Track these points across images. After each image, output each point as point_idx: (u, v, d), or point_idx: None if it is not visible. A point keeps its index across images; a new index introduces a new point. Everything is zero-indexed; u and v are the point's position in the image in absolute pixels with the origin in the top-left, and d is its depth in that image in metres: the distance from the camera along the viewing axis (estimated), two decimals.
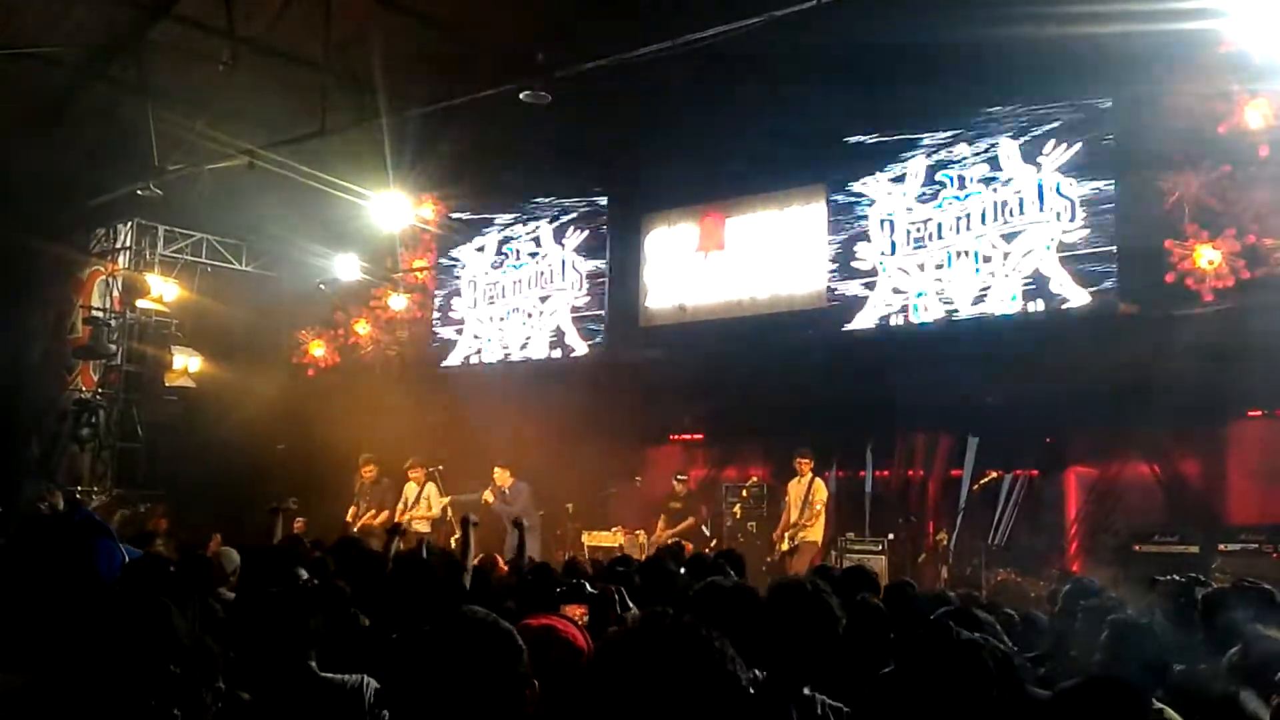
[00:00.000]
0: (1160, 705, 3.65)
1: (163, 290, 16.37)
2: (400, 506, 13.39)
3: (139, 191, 15.07)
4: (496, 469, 13.28)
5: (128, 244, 17.03)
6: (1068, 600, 5.71)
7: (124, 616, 2.70)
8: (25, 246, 16.46)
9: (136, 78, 13.60)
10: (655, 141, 13.53)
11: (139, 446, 16.08)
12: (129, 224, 16.95)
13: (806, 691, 3.45)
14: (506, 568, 7.89)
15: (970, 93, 11.74)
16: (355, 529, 13.31)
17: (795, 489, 12.06)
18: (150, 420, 16.24)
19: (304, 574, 5.50)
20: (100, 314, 16.89)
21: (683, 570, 6.39)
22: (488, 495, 13.16)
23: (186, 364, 16.60)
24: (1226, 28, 9.32)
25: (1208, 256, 10.07)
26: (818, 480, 11.99)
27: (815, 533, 11.82)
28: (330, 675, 3.77)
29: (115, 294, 17.08)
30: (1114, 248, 10.76)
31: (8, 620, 2.99)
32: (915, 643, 3.43)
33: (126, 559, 5.05)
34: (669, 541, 11.38)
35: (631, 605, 4.98)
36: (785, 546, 11.83)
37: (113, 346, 16.45)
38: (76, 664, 2.54)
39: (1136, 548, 9.95)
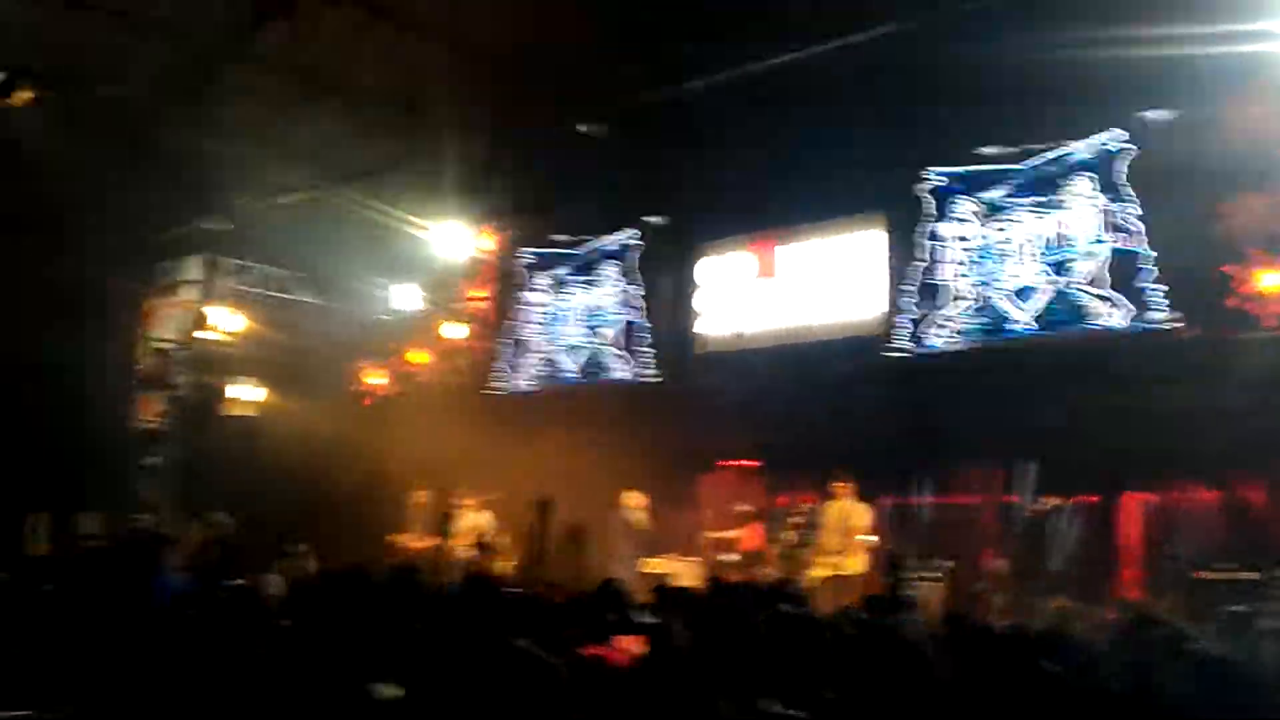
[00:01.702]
0: None
1: (228, 322, 16.68)
2: (451, 534, 13.47)
3: (207, 225, 15.42)
4: (626, 493, 13.11)
5: (195, 276, 17.38)
6: (1129, 630, 5.63)
7: (168, 642, 2.80)
8: (96, 279, 16.83)
9: (208, 114, 13.94)
10: (710, 170, 13.59)
11: (202, 475, 16.36)
12: (197, 256, 17.30)
13: None
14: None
15: (1027, 116, 11.65)
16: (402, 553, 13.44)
17: (832, 512, 11.84)
18: (214, 449, 16.51)
19: None
20: (166, 345, 17.22)
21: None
22: (640, 518, 13.03)
23: (250, 394, 16.88)
24: None
25: (1269, 279, 9.95)
26: (858, 505, 11.75)
27: (857, 563, 11.46)
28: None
29: (182, 325, 17.42)
30: (1174, 271, 10.65)
31: (54, 659, 3.08)
32: (999, 675, 3.42)
33: (179, 591, 5.19)
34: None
35: (687, 634, 4.99)
36: (824, 573, 11.54)
37: (178, 377, 16.76)
38: (118, 701, 2.62)
39: (1196, 575, 9.80)
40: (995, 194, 12.01)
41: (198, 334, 16.89)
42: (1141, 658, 4.90)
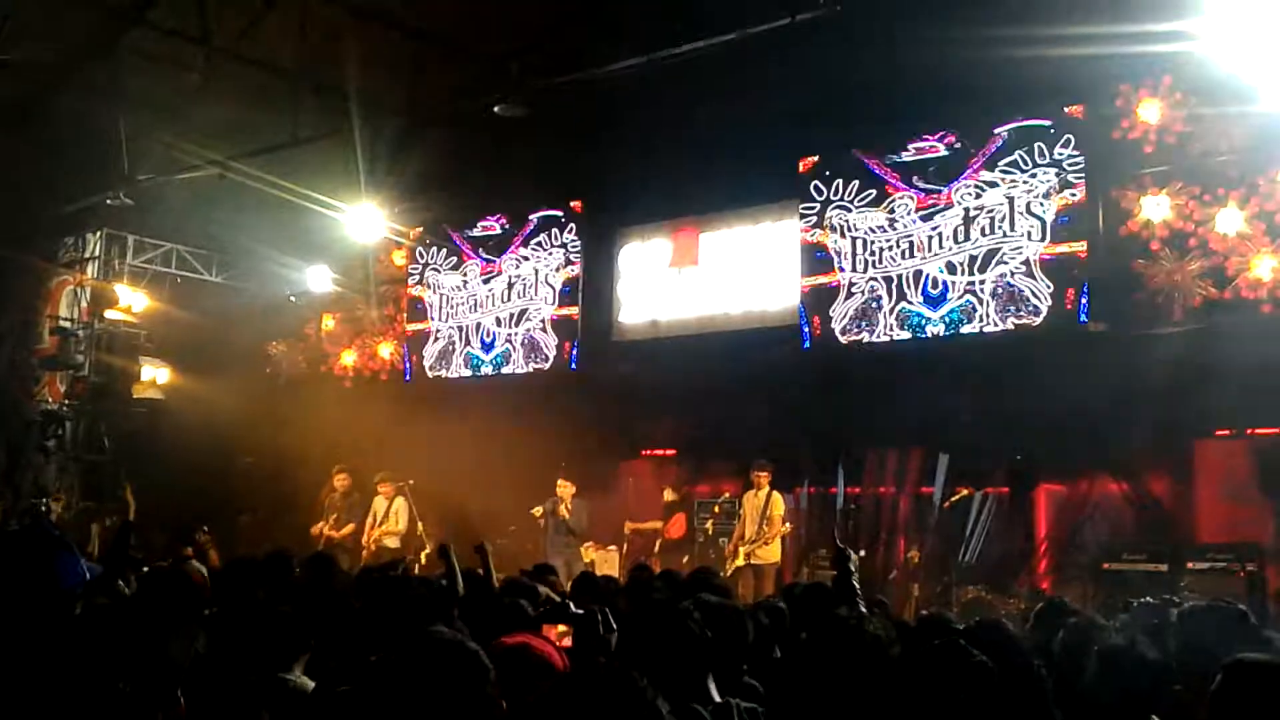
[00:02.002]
0: None
1: (131, 300, 16.25)
2: (369, 521, 13.29)
3: (109, 200, 14.96)
4: (560, 480, 12.97)
5: (96, 253, 16.90)
6: (1042, 620, 5.70)
7: (75, 630, 2.65)
8: None
9: (108, 85, 13.52)
10: (630, 156, 13.53)
11: (106, 458, 15.91)
12: (98, 233, 16.81)
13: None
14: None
15: (941, 112, 11.77)
16: (320, 542, 13.17)
17: (751, 502, 11.92)
18: (118, 432, 16.08)
19: None
20: (68, 324, 16.74)
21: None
22: (537, 511, 12.90)
23: (155, 375, 16.46)
24: (1198, 50, 9.43)
25: (1176, 276, 10.13)
26: (775, 494, 11.83)
27: (773, 552, 11.65)
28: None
29: (83, 304, 16.93)
30: (1083, 267, 10.80)
31: None
32: (928, 664, 3.40)
33: (87, 575, 5.00)
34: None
35: (614, 625, 4.93)
36: (740, 562, 11.70)
37: (80, 357, 16.30)
38: (28, 681, 2.48)
39: (1105, 565, 10.00)
40: (910, 186, 12.06)
41: (101, 313, 16.39)
42: (1055, 645, 4.96)
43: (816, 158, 12.69)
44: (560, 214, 15.01)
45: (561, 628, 4.78)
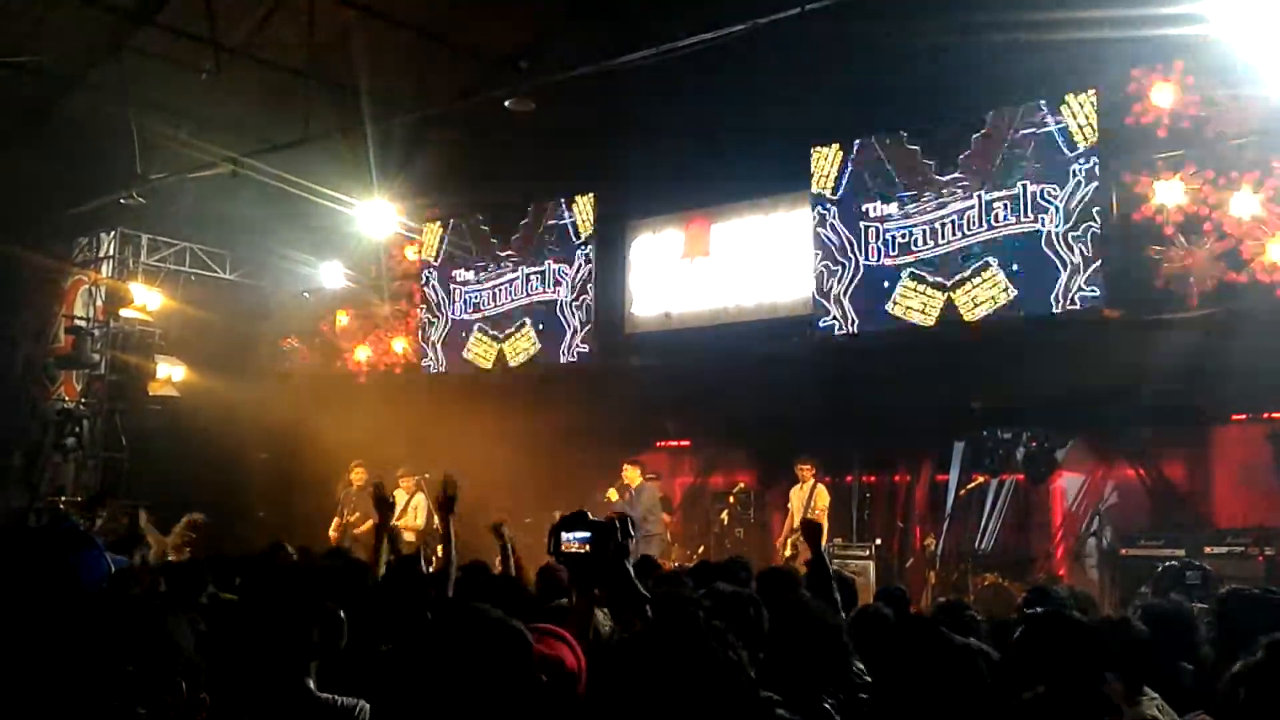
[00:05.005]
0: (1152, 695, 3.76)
1: (146, 299, 16.28)
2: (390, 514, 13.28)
3: (121, 200, 15.01)
4: (626, 467, 12.86)
5: (110, 253, 16.94)
6: (1031, 606, 5.71)
7: (82, 618, 2.65)
8: (6, 255, 16.37)
9: (118, 86, 13.56)
10: (640, 147, 13.50)
11: (123, 456, 15.98)
12: (112, 233, 16.86)
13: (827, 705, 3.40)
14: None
15: (951, 97, 11.72)
16: (341, 536, 13.19)
17: (797, 495, 12.04)
18: (134, 429, 16.14)
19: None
20: (83, 323, 16.80)
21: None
22: (612, 494, 12.69)
23: (170, 373, 16.50)
24: (1211, 32, 9.38)
25: (1191, 261, 10.08)
26: (820, 486, 11.95)
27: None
28: (325, 695, 3.67)
29: (98, 303, 16.99)
30: (1098, 252, 10.75)
31: None
32: (907, 648, 3.40)
33: (112, 569, 5.03)
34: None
35: (633, 532, 4.88)
36: (788, 553, 11.78)
37: (95, 356, 16.35)
38: (32, 667, 2.46)
39: (1123, 552, 9.99)
40: (919, 175, 12.02)
41: (115, 311, 16.45)
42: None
43: (828, 146, 12.67)
44: (571, 207, 15.01)
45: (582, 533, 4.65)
